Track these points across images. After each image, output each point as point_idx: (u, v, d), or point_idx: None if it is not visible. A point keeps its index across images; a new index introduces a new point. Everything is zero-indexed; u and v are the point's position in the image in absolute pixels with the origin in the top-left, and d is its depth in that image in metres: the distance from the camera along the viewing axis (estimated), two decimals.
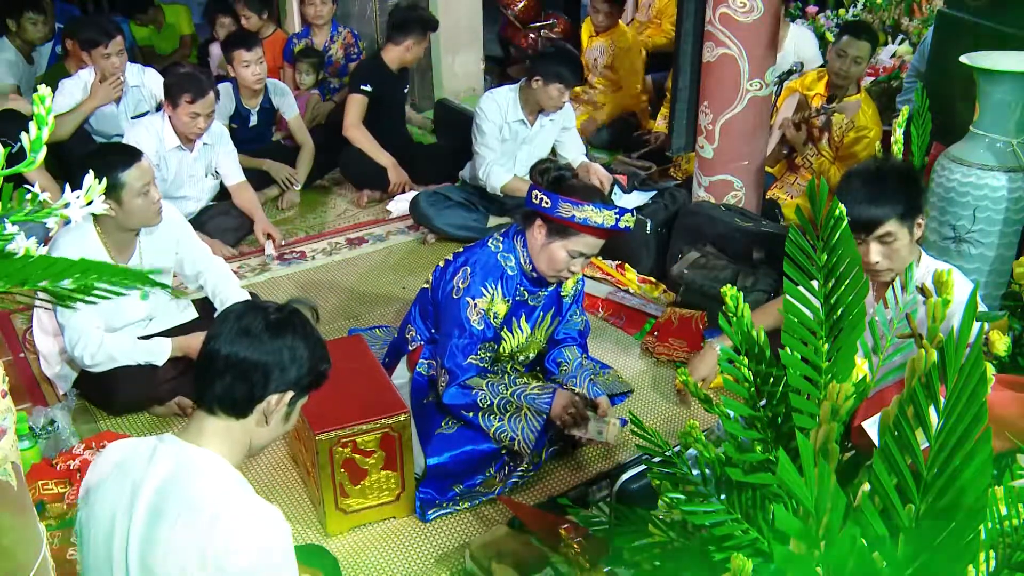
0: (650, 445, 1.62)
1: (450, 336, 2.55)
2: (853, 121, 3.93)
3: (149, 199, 2.72)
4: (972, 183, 2.53)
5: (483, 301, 2.54)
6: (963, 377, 1.04)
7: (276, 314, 1.61)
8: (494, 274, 2.57)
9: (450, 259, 2.68)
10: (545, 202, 2.45)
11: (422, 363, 2.72)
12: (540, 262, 2.56)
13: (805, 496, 1.11)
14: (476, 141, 4.06)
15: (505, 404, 2.51)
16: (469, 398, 2.51)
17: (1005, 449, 1.36)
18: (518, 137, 4.07)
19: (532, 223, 2.56)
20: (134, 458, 1.55)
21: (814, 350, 1.40)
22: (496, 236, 2.66)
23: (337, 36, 5.39)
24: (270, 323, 1.58)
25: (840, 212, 1.37)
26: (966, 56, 2.49)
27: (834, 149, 4.00)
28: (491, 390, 2.51)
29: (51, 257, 0.97)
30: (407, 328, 2.79)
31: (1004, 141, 2.51)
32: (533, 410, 2.52)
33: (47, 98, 1.09)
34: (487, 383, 2.53)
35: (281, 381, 1.58)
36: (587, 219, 2.41)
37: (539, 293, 2.67)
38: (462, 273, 2.57)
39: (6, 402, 1.15)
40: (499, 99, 4.02)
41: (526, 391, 2.53)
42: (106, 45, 4.09)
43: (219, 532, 1.43)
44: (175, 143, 3.75)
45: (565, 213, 2.42)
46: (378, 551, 2.40)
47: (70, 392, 2.97)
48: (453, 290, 2.57)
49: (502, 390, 2.52)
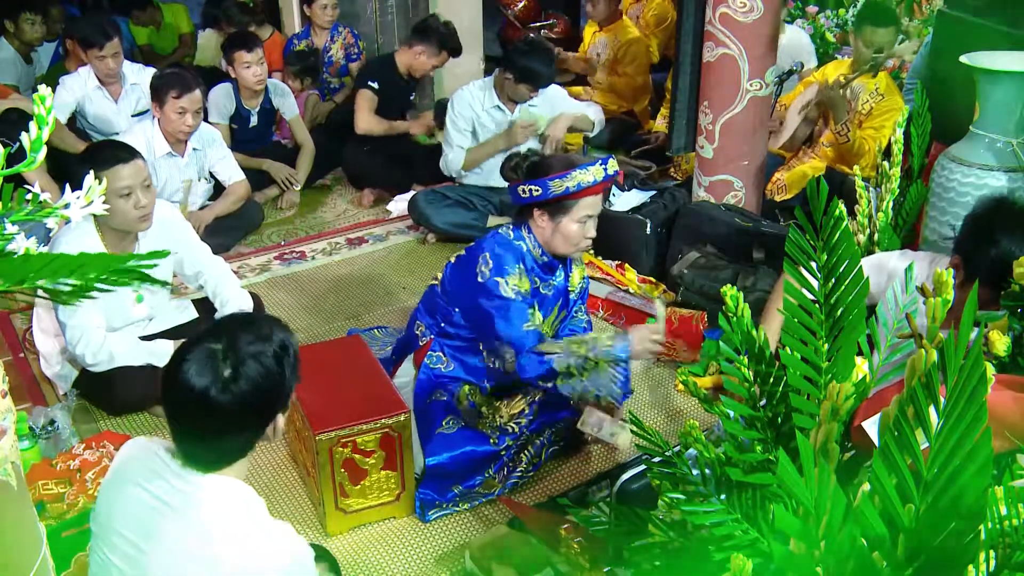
0: (650, 445, 1.62)
1: (493, 316, 2.53)
2: (883, 94, 3.85)
3: (131, 202, 2.66)
4: (972, 183, 2.53)
5: (513, 279, 2.56)
6: (963, 377, 1.04)
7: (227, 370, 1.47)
8: (515, 254, 2.59)
9: (461, 255, 2.69)
10: (536, 191, 2.49)
11: (431, 355, 2.71)
12: (557, 245, 2.59)
13: (805, 496, 1.11)
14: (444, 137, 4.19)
15: (582, 364, 2.47)
16: (545, 367, 2.47)
17: (1005, 449, 1.36)
18: (499, 124, 4.09)
19: (531, 215, 2.59)
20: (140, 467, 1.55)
21: (814, 350, 1.40)
22: (504, 227, 2.67)
23: (337, 36, 5.39)
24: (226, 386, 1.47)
25: (840, 212, 1.37)
26: (966, 56, 2.49)
27: (857, 122, 3.91)
28: (562, 354, 2.48)
29: (49, 254, 0.97)
30: (415, 324, 2.78)
31: (1004, 141, 2.50)
32: (611, 361, 2.47)
33: (47, 98, 1.09)
34: (563, 346, 2.50)
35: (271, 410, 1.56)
36: (580, 183, 2.46)
37: (550, 281, 2.69)
38: (482, 259, 2.57)
39: (6, 402, 1.15)
40: (470, 92, 4.09)
41: (598, 346, 2.48)
42: (101, 47, 4.09)
43: (227, 563, 1.43)
44: (165, 150, 3.74)
45: (558, 189, 2.46)
46: (378, 551, 2.40)
47: (70, 392, 2.97)
48: (478, 275, 2.56)
49: (574, 349, 2.48)
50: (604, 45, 5.31)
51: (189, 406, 1.46)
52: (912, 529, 1.09)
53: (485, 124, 4.09)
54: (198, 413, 1.46)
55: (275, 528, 1.50)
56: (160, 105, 3.64)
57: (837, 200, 1.38)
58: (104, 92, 4.28)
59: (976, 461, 1.05)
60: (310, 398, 2.40)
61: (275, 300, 3.65)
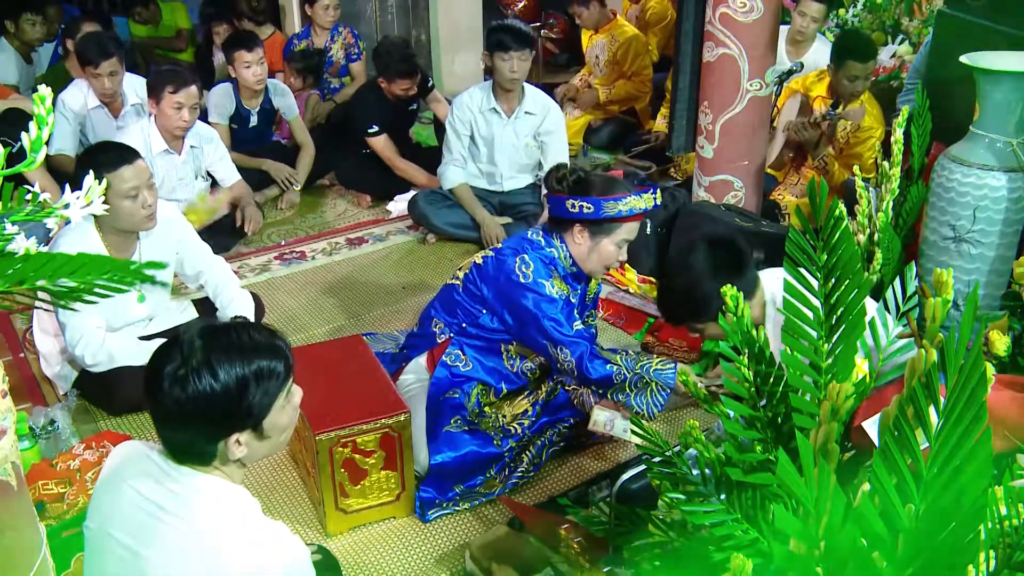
0: (650, 445, 1.62)
1: (539, 317, 2.56)
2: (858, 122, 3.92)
3: (138, 203, 2.68)
4: (972, 183, 2.53)
5: (557, 281, 2.60)
6: (963, 377, 1.04)
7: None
8: (549, 261, 2.62)
9: (489, 255, 2.69)
10: (587, 208, 2.53)
11: (450, 353, 2.71)
12: (590, 263, 2.64)
13: (805, 496, 1.11)
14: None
15: (636, 381, 2.55)
16: (605, 372, 2.54)
17: (1005, 449, 1.36)
18: (492, 127, 4.07)
19: (569, 229, 2.61)
20: (132, 469, 1.54)
21: (814, 350, 1.40)
22: (534, 232, 2.69)
23: (337, 36, 5.39)
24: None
25: (840, 212, 1.37)
26: (966, 56, 2.49)
27: (838, 150, 3.99)
28: (625, 365, 2.55)
29: (49, 254, 0.97)
30: (432, 322, 2.77)
31: (1004, 141, 2.50)
32: (659, 384, 2.57)
33: (47, 98, 1.09)
34: (620, 357, 2.58)
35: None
36: (632, 209, 2.52)
37: (575, 289, 2.72)
38: (520, 261, 2.59)
39: (6, 402, 1.15)
40: (469, 94, 4.08)
41: (651, 366, 2.57)
42: (96, 66, 3.98)
43: (230, 564, 1.43)
44: (162, 147, 3.73)
45: (611, 211, 2.52)
46: (378, 551, 2.40)
47: (70, 392, 2.97)
48: (520, 276, 2.58)
49: (632, 366, 2.56)
50: (602, 47, 5.31)
51: (151, 386, 1.46)
52: (912, 529, 1.09)
53: (480, 126, 4.08)
54: (154, 396, 1.46)
55: (272, 528, 1.50)
56: (156, 101, 3.64)
57: (837, 200, 1.38)
58: (104, 111, 4.21)
59: (976, 461, 1.05)
60: (310, 398, 2.38)
61: (275, 300, 3.65)
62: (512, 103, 4.03)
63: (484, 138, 4.10)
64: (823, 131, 3.94)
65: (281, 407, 1.54)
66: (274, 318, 3.50)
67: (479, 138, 4.11)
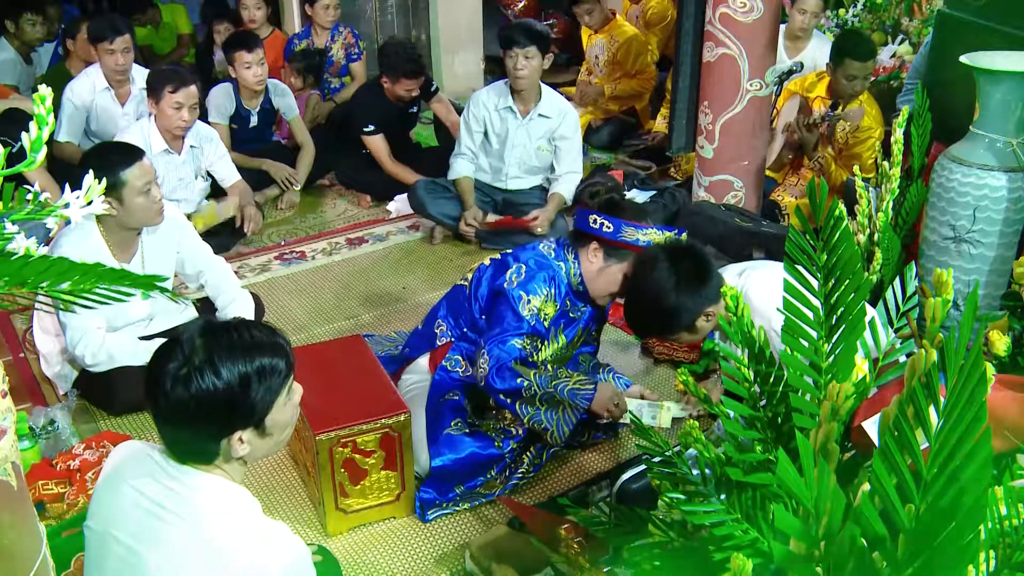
0: (650, 445, 1.62)
1: (499, 323, 2.56)
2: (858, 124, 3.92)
3: (150, 198, 2.72)
4: (972, 183, 2.53)
5: (537, 300, 2.57)
6: (963, 377, 1.04)
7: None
8: (548, 276, 2.60)
9: (496, 258, 2.70)
10: (607, 227, 2.52)
11: (450, 357, 2.71)
12: (596, 284, 2.62)
13: (805, 496, 1.11)
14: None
15: (547, 397, 2.50)
16: (514, 384, 2.48)
17: (1005, 449, 1.36)
18: (506, 126, 4.07)
19: (586, 245, 2.60)
20: (133, 469, 1.54)
21: (814, 350, 1.40)
22: (547, 242, 2.68)
23: (338, 36, 5.39)
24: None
25: (840, 212, 1.37)
26: (966, 56, 2.49)
27: (837, 151, 3.99)
28: (537, 381, 2.49)
29: (51, 258, 0.97)
30: (436, 323, 2.78)
31: (1004, 141, 2.50)
32: (572, 405, 2.50)
33: (47, 98, 1.09)
34: (534, 373, 2.51)
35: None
36: (651, 241, 2.51)
37: (580, 307, 2.71)
38: (516, 269, 2.59)
39: (6, 402, 1.16)
40: (486, 92, 4.10)
41: (568, 385, 2.51)
42: (111, 41, 4.08)
43: (233, 564, 1.43)
44: (162, 147, 3.73)
45: (629, 237, 2.52)
46: (378, 551, 2.40)
47: (70, 392, 2.97)
48: (505, 282, 2.58)
49: (546, 383, 2.50)
50: (602, 47, 5.31)
51: (152, 386, 1.46)
52: (912, 529, 1.09)
53: (495, 124, 4.08)
54: (156, 396, 1.46)
55: (273, 528, 1.50)
56: (156, 101, 3.64)
57: (837, 200, 1.38)
58: (111, 94, 4.25)
59: (976, 461, 1.04)
60: (310, 398, 2.38)
61: (275, 300, 3.65)
62: (527, 104, 4.02)
63: (497, 136, 4.10)
64: (821, 132, 3.94)
65: (283, 404, 1.55)
66: (274, 318, 3.49)
67: (492, 135, 4.11)
